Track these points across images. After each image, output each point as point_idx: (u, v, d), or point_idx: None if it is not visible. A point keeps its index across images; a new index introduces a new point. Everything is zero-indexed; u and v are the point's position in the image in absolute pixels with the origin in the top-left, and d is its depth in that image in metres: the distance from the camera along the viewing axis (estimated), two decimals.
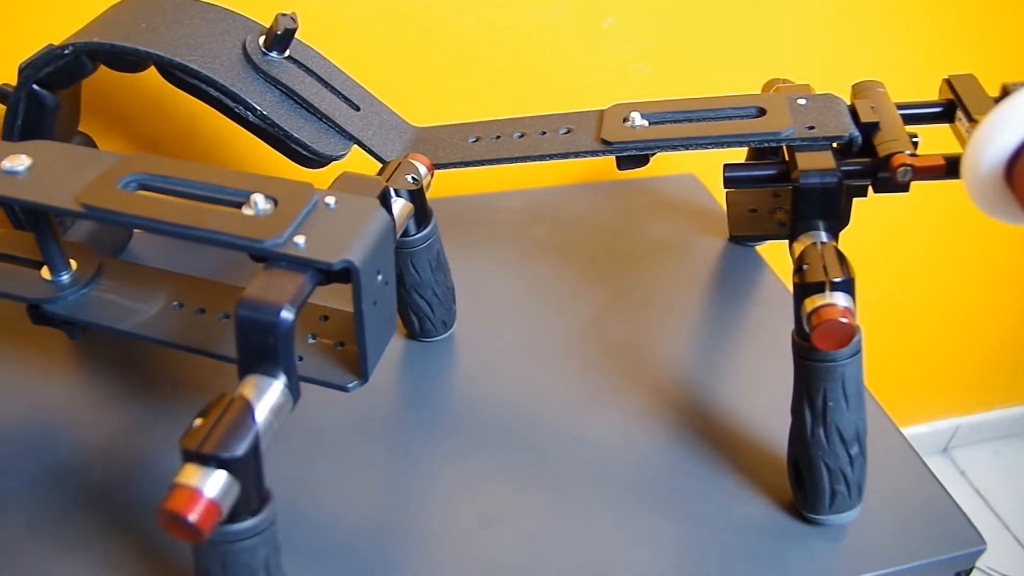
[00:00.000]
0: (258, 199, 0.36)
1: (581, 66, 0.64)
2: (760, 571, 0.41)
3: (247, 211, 0.36)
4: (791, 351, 0.42)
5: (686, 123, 0.46)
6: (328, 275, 0.35)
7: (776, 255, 0.60)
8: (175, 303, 0.43)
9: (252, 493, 0.32)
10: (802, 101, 0.45)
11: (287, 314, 0.33)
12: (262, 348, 0.33)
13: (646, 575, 0.41)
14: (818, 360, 0.40)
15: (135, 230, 0.60)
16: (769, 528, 0.44)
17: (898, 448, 0.48)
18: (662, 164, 0.69)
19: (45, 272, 0.44)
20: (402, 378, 0.51)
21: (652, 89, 0.66)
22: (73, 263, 0.44)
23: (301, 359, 0.39)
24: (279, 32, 0.45)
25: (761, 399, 0.50)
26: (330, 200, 0.37)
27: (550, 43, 0.63)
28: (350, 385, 0.39)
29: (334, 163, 0.48)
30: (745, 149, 0.56)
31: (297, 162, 0.47)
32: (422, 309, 0.50)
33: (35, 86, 0.47)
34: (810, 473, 0.42)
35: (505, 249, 0.60)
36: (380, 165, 0.47)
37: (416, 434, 0.48)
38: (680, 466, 0.46)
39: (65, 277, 0.44)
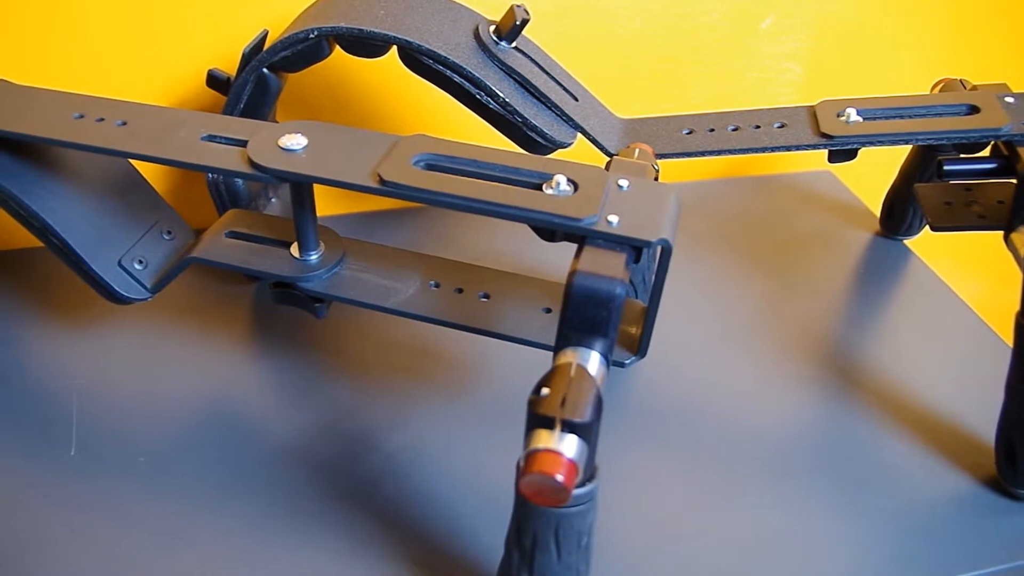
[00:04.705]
0: (561, 180, 0.37)
1: (737, 65, 0.66)
2: (974, 543, 0.44)
3: (548, 191, 0.38)
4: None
5: (898, 119, 0.48)
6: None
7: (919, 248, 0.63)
8: (432, 283, 0.44)
9: (592, 458, 0.34)
10: (1010, 99, 0.48)
11: (621, 289, 0.34)
12: (592, 321, 0.35)
13: (865, 548, 0.43)
14: None
15: None
16: (976, 503, 0.46)
17: None
18: (797, 161, 0.71)
19: (294, 250, 0.45)
20: None
21: (802, 89, 0.68)
22: (321, 243, 0.45)
23: None
24: (517, 23, 0.47)
25: (942, 382, 0.52)
26: (623, 183, 0.38)
27: (709, 42, 0.65)
28: (627, 361, 0.40)
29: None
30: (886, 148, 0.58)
31: (527, 149, 0.48)
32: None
33: (265, 70, 0.48)
34: None
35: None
36: (602, 154, 0.49)
37: (612, 419, 0.49)
38: (878, 445, 0.48)
39: (315, 257, 0.45)
